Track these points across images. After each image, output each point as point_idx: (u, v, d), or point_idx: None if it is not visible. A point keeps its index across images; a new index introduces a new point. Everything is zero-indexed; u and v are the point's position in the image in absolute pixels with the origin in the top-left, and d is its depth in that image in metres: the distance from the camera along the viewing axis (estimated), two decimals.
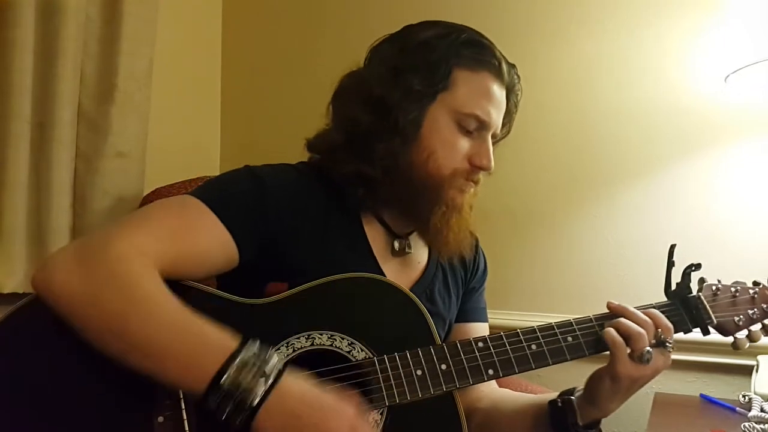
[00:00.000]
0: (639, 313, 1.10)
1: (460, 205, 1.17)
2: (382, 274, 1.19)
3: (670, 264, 1.23)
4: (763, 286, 1.27)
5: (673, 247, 1.24)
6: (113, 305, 0.90)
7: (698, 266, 1.22)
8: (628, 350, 1.05)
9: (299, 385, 0.90)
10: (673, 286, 1.23)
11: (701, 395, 1.60)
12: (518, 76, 1.25)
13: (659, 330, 1.09)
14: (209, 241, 1.04)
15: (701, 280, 1.25)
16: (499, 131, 1.23)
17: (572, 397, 1.13)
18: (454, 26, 1.20)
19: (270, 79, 2.36)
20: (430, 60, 1.15)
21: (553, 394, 1.17)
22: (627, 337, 1.06)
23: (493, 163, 1.18)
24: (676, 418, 1.46)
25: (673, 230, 1.23)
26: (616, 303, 1.13)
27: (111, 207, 1.81)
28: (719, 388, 1.71)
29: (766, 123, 1.71)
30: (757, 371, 1.51)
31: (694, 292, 1.23)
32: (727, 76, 1.59)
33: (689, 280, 1.23)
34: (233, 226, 1.05)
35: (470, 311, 1.37)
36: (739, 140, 1.74)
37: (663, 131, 1.82)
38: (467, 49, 1.16)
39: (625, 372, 1.05)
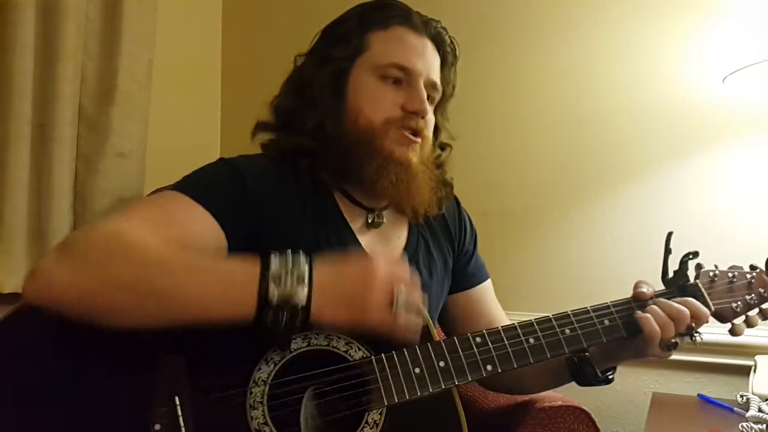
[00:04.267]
0: (673, 305, 1.13)
1: (402, 159, 1.18)
2: (361, 248, 1.21)
3: (667, 252, 1.23)
4: (760, 270, 1.27)
5: (670, 234, 1.24)
6: (129, 275, 0.89)
7: (695, 254, 1.23)
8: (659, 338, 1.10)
9: (331, 267, 0.94)
10: (670, 274, 1.24)
11: (699, 395, 1.61)
12: (444, 29, 1.28)
13: (692, 322, 1.13)
14: (197, 230, 1.04)
15: (698, 266, 1.26)
16: (435, 80, 1.24)
17: (587, 354, 1.17)
18: (364, 2, 1.27)
19: (270, 80, 2.35)
20: (341, 33, 1.24)
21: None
22: (661, 326, 1.10)
23: (426, 107, 1.20)
24: (674, 418, 1.46)
25: (671, 229, 1.23)
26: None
27: (111, 207, 1.80)
28: (717, 388, 1.71)
29: (764, 123, 1.71)
30: (754, 371, 1.51)
31: (692, 280, 1.24)
32: (725, 77, 1.60)
33: (686, 268, 1.23)
34: (218, 214, 1.06)
35: (472, 274, 1.39)
36: (737, 140, 1.75)
37: (661, 132, 1.83)
38: (374, 14, 1.24)
39: (653, 354, 1.12)
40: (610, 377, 1.20)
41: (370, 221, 1.25)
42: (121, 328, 0.89)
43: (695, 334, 1.12)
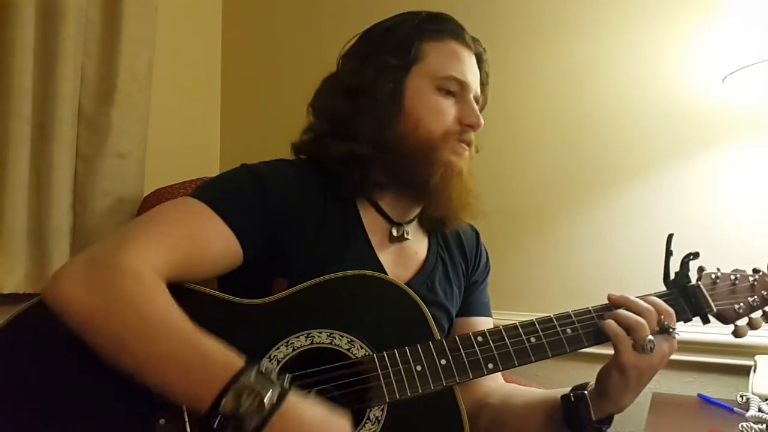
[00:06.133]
0: (640, 301, 1.10)
1: (458, 168, 1.19)
2: (379, 261, 1.20)
3: (668, 253, 1.23)
4: (763, 273, 1.26)
5: (671, 236, 1.24)
6: (125, 322, 0.90)
7: (696, 255, 1.22)
8: (631, 341, 1.06)
9: (298, 411, 0.88)
10: (672, 276, 1.23)
11: (699, 395, 1.60)
12: (484, 49, 1.30)
13: (662, 317, 1.09)
14: (215, 244, 1.05)
15: (700, 269, 1.25)
16: (480, 95, 1.27)
17: (585, 392, 1.13)
18: (413, 11, 1.27)
19: (270, 80, 2.37)
20: (396, 40, 1.22)
21: (565, 389, 1.17)
22: (627, 327, 1.06)
23: (481, 121, 1.22)
24: (674, 418, 1.46)
25: (671, 230, 1.23)
26: (617, 294, 1.13)
27: (111, 207, 1.81)
28: (717, 388, 1.71)
29: (764, 124, 1.71)
30: (754, 371, 1.51)
31: (693, 281, 1.23)
32: (725, 77, 1.60)
33: (688, 269, 1.22)
34: (237, 228, 1.06)
35: (473, 305, 1.37)
36: (737, 141, 1.75)
37: (661, 132, 1.83)
38: (428, 25, 1.24)
39: (630, 363, 1.05)
40: (603, 429, 1.14)
41: (395, 234, 1.25)
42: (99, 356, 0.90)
43: (671, 330, 1.08)
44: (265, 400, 0.85)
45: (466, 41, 1.25)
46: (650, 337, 1.05)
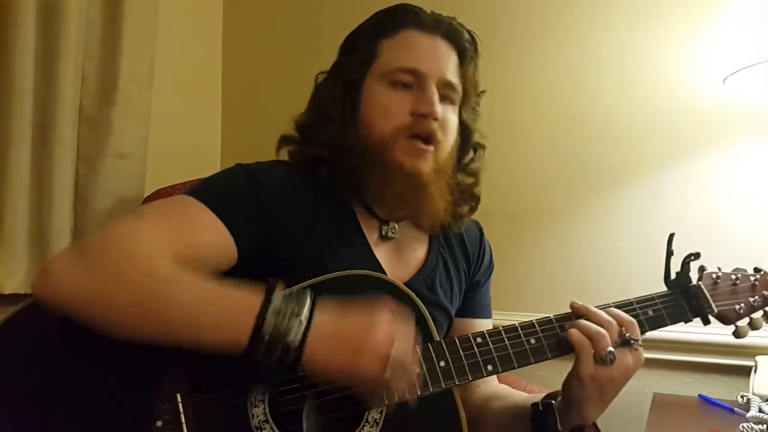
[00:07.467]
0: (601, 312, 1.08)
1: (412, 170, 1.14)
2: (375, 259, 1.20)
3: (669, 253, 1.22)
4: (764, 272, 1.26)
5: (671, 236, 1.23)
6: (135, 287, 0.90)
7: (697, 255, 1.21)
8: (593, 351, 1.04)
9: (334, 310, 0.92)
10: (673, 276, 1.22)
11: (699, 396, 1.61)
12: (460, 24, 1.25)
13: (623, 328, 1.07)
14: (209, 240, 1.04)
15: (701, 269, 1.24)
16: (450, 79, 1.19)
17: (553, 402, 1.11)
18: (383, 9, 1.25)
19: (271, 81, 2.37)
20: (356, 44, 1.22)
21: (540, 396, 1.16)
22: (589, 337, 1.05)
23: (435, 108, 1.15)
24: (675, 419, 1.46)
25: (671, 230, 1.24)
26: (580, 303, 1.12)
27: (112, 208, 1.81)
28: (717, 388, 1.71)
29: (764, 124, 1.71)
30: (755, 372, 1.51)
31: (694, 281, 1.22)
32: (726, 77, 1.60)
33: (689, 269, 1.22)
34: (232, 224, 1.05)
35: (474, 307, 1.36)
36: (738, 141, 1.75)
37: (662, 132, 1.83)
38: (385, 21, 1.22)
39: (588, 374, 1.03)
40: None
41: (383, 234, 1.23)
42: (120, 338, 0.89)
43: (632, 341, 1.06)
44: (302, 316, 0.88)
45: (424, 25, 1.20)
46: (610, 348, 1.03)
